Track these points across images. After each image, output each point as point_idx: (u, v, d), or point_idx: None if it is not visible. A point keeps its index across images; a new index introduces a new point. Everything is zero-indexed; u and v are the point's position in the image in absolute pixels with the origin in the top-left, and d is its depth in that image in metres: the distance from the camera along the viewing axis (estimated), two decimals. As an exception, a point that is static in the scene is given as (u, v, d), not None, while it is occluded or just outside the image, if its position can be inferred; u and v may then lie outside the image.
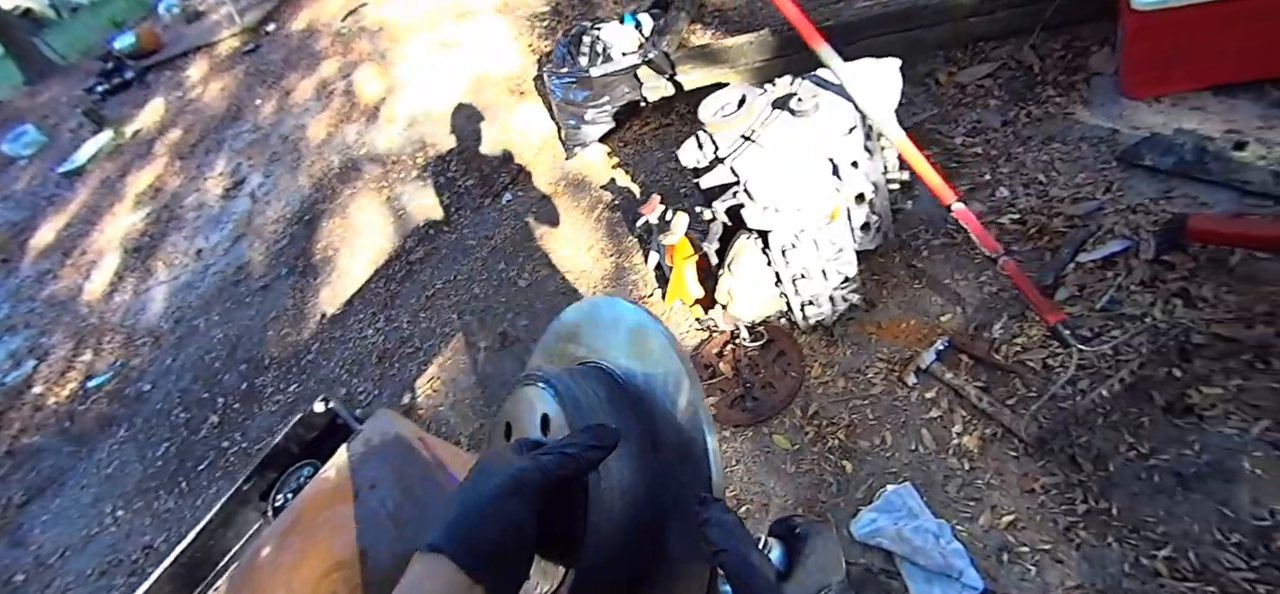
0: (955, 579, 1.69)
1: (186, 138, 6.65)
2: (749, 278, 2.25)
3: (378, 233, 4.03)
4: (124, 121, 7.82)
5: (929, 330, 2.13)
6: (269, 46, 7.48)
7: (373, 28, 6.36)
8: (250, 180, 5.34)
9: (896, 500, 1.87)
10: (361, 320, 3.52)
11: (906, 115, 2.71)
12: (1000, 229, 2.20)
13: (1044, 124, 2.36)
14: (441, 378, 2.99)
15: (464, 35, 5.28)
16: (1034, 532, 1.68)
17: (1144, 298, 1.86)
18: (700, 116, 2.10)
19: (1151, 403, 1.71)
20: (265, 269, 4.32)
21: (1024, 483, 1.75)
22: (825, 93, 1.96)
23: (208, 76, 7.75)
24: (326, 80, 6.04)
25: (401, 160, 4.46)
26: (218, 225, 5.05)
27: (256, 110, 6.30)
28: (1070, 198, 2.15)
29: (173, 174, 6.17)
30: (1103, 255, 1.98)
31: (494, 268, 3.32)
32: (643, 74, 3.33)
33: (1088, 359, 1.83)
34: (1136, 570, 1.53)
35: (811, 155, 1.93)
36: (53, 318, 5.12)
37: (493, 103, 4.39)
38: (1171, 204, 1.97)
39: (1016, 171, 2.31)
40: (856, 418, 2.07)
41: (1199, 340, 1.74)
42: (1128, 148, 2.11)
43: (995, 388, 1.93)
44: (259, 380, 3.53)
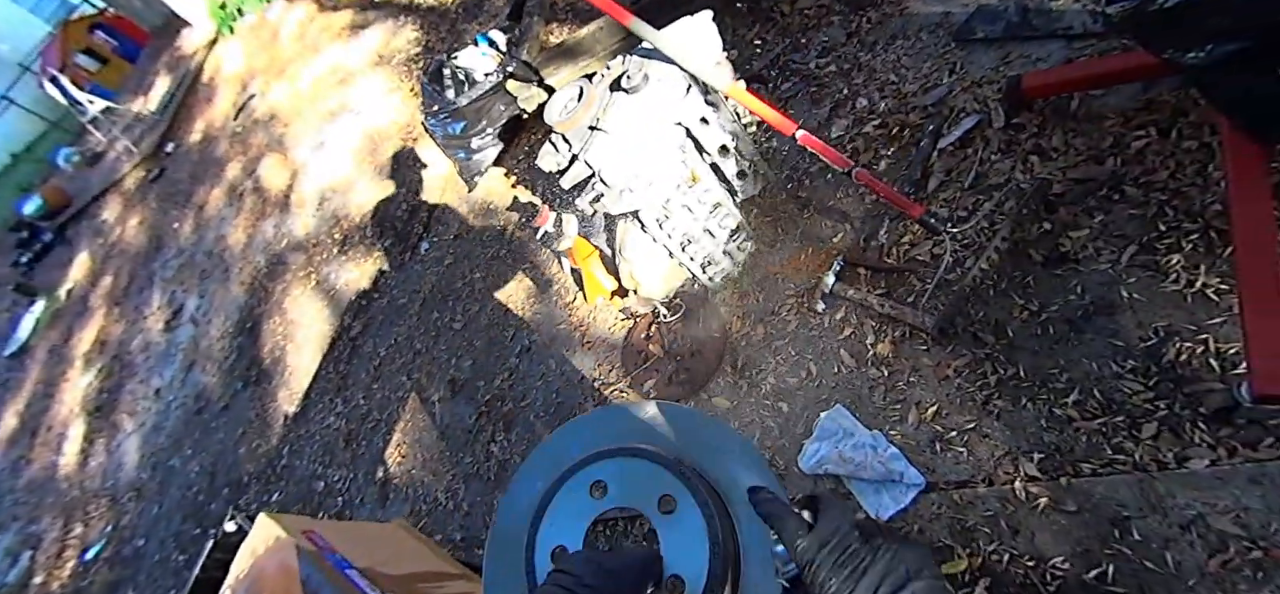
0: (898, 482, 1.65)
1: (118, 282, 6.18)
2: (642, 258, 2.14)
3: (316, 319, 3.78)
4: (55, 285, 7.25)
5: (826, 255, 2.05)
6: (173, 166, 6.96)
7: (264, 118, 5.93)
8: (187, 306, 4.98)
9: (831, 424, 1.81)
10: (321, 410, 3.31)
11: (762, 54, 2.58)
12: (866, 138, 2.11)
13: (884, 25, 2.25)
14: (407, 442, 2.83)
15: (349, 99, 4.93)
16: (957, 415, 1.63)
17: (1004, 164, 1.80)
18: (547, 120, 1.95)
19: (1031, 260, 1.66)
20: (222, 389, 4.04)
21: (939, 371, 1.70)
22: (652, 63, 1.83)
23: (123, 215, 7.20)
24: (234, 183, 5.63)
25: (321, 241, 4.18)
26: (168, 360, 4.71)
27: (176, 234, 5.86)
28: (921, 89, 2.06)
29: (113, 322, 5.74)
30: (959, 135, 1.90)
31: (428, 319, 3.13)
32: (512, 88, 3.12)
33: (967, 236, 1.77)
34: (1052, 422, 1.50)
35: (656, 127, 1.80)
36: (36, 502, 4.76)
37: (392, 156, 4.12)
38: (1010, 68, 1.89)
39: (869, 79, 2.20)
40: (781, 358, 1.99)
41: (1059, 189, 1.69)
42: (961, 26, 2.02)
43: (894, 291, 1.86)
44: (243, 499, 3.32)
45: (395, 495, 2.71)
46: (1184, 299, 1.44)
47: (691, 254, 2.13)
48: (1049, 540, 1.40)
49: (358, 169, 4.34)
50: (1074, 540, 1.38)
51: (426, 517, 2.56)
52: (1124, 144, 1.62)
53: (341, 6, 5.94)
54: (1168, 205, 1.52)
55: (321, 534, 1.58)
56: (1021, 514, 1.45)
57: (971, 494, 1.53)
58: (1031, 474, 1.47)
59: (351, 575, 1.50)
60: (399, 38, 4.90)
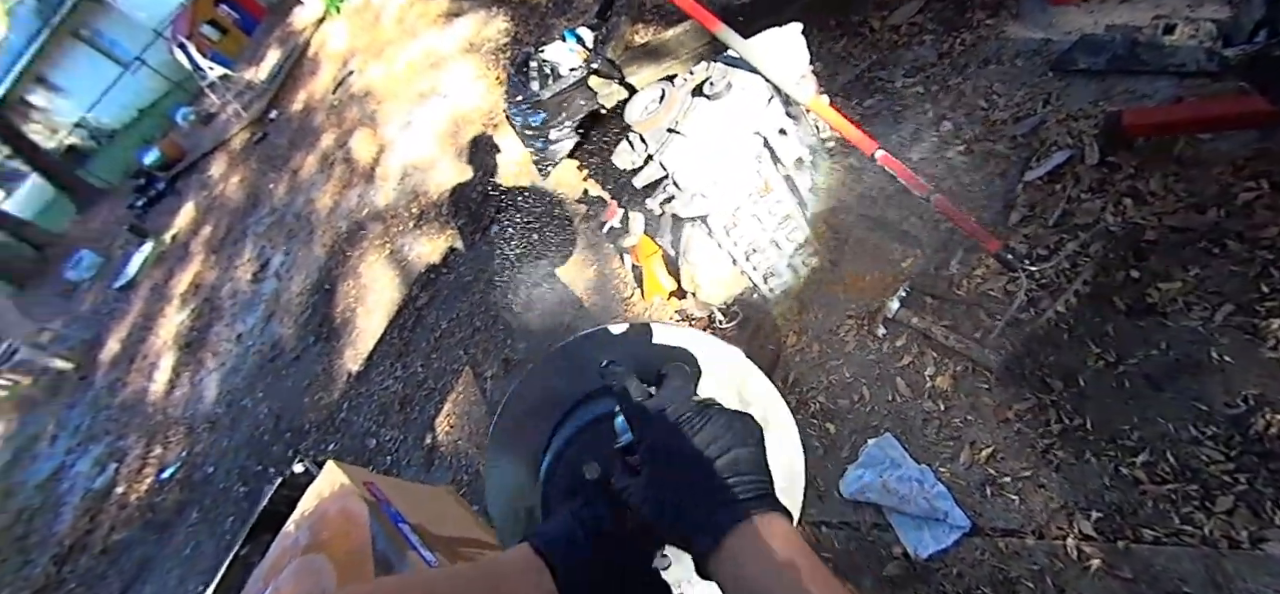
0: (942, 521, 1.64)
1: (216, 233, 6.88)
2: (705, 263, 2.21)
3: (387, 287, 4.09)
4: (163, 230, 8.13)
5: (892, 278, 2.05)
6: (275, 132, 7.67)
7: (360, 94, 6.45)
8: (273, 261, 5.48)
9: (878, 453, 1.82)
10: (382, 372, 3.58)
11: (846, 67, 2.61)
12: (948, 164, 2.10)
13: (978, 48, 2.24)
14: (456, 413, 3.02)
15: (439, 82, 5.30)
16: (1013, 460, 1.61)
17: (1094, 204, 1.76)
18: (626, 119, 2.05)
19: (1113, 308, 1.61)
20: (295, 341, 4.44)
21: (998, 413, 1.68)
22: (736, 71, 1.90)
23: (227, 172, 7.99)
24: (327, 153, 6.15)
25: (399, 214, 4.52)
26: (251, 309, 5.21)
27: (271, 194, 6.46)
28: (1012, 118, 2.03)
29: (209, 268, 6.39)
30: (1048, 169, 1.87)
31: (490, 299, 3.33)
32: (593, 84, 3.28)
33: (1045, 276, 1.74)
34: (1117, 481, 1.45)
35: (734, 135, 1.87)
36: (126, 421, 5.37)
37: (471, 140, 4.39)
38: (1111, 103, 1.84)
39: (958, 102, 2.19)
40: (834, 378, 2.01)
41: (1152, 236, 1.63)
42: (1061, 55, 1.98)
43: (961, 324, 1.85)
44: (303, 445, 3.63)
45: (440, 462, 2.90)
46: (1282, 368, 1.37)
47: (755, 264, 2.18)
48: (1098, 603, 1.37)
49: (440, 149, 4.66)
50: (1126, 607, 1.33)
51: (466, 487, 2.72)
52: (1230, 195, 1.55)
53: (442, -7, 6.39)
54: (1274, 265, 1.45)
55: (380, 487, 1.75)
56: (1070, 573, 1.41)
57: (1018, 545, 1.50)
58: (1087, 533, 1.43)
59: (404, 529, 1.65)
60: (490, 28, 5.22)
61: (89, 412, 5.98)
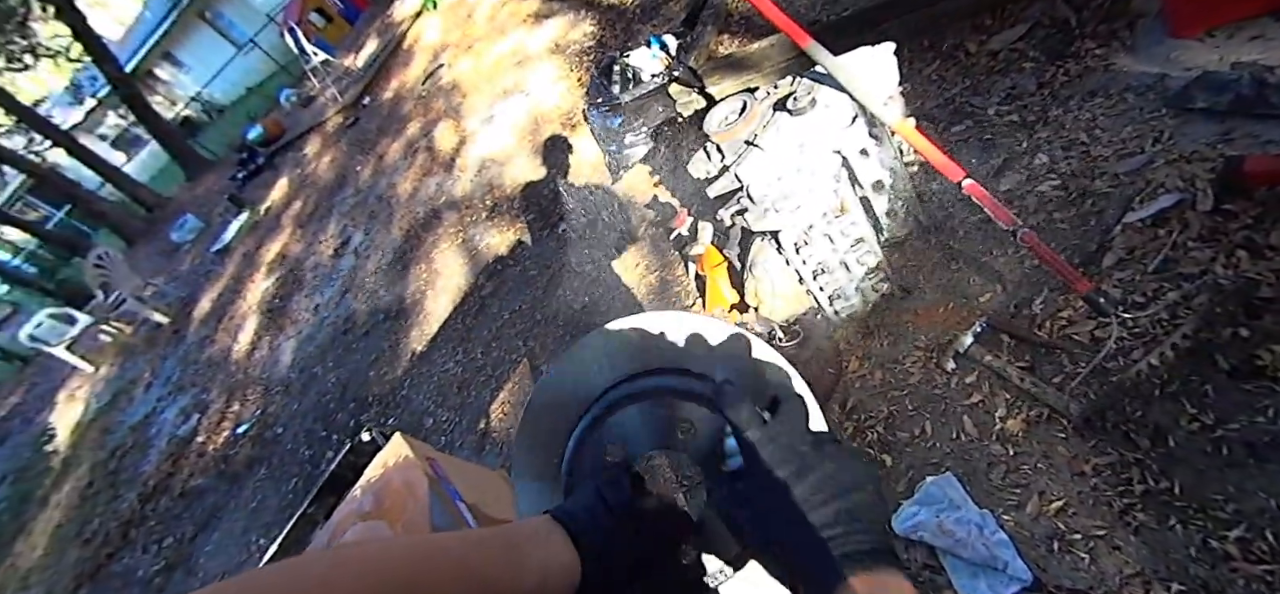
0: (1001, 571, 1.58)
1: (304, 208, 7.45)
2: (771, 278, 2.22)
3: (455, 274, 4.32)
4: (258, 202, 8.88)
5: (967, 313, 2.01)
6: (366, 117, 8.23)
7: (448, 86, 6.84)
8: (353, 239, 5.89)
9: (937, 492, 1.77)
10: (443, 355, 3.78)
11: (936, 91, 2.57)
12: (1039, 198, 2.04)
13: (1084, 79, 2.16)
14: (511, 402, 3.15)
15: (523, 80, 5.55)
16: (1086, 517, 1.54)
17: (1202, 253, 1.66)
18: (705, 128, 2.11)
19: (1215, 367, 1.52)
20: (366, 318, 4.75)
21: (1074, 465, 1.61)
22: (821, 88, 1.91)
23: (320, 152, 8.64)
24: (411, 140, 6.56)
25: (474, 205, 4.76)
26: (330, 282, 5.61)
27: (357, 176, 6.94)
28: (1115, 154, 1.95)
29: (295, 241, 6.92)
30: (1153, 212, 1.78)
31: (553, 295, 3.46)
32: (673, 91, 3.36)
33: (1139, 325, 1.66)
34: (1204, 554, 1.37)
35: (813, 152, 1.89)
36: (210, 376, 5.89)
37: (549, 139, 4.58)
38: (1231, 147, 1.74)
39: (1056, 135, 2.12)
40: (895, 409, 1.98)
41: (1269, 293, 1.53)
42: (1177, 91, 1.89)
43: (1039, 367, 1.79)
44: (364, 416, 3.88)
45: (491, 447, 3.03)
46: None
47: (822, 285, 2.18)
48: (1171, 681, 1.29)
49: (518, 145, 4.88)
50: (1203, 690, 1.25)
51: (515, 476, 2.84)
52: (1366, 256, 1.43)
53: (532, -4, 6.70)
54: None
55: (441, 464, 1.87)
56: (1142, 643, 1.34)
57: (1085, 605, 1.44)
58: (1164, 603, 1.35)
59: (461, 507, 1.76)
60: (577, 30, 5.43)
61: (180, 364, 6.59)
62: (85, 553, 5.02)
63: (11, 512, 6.88)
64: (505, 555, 0.54)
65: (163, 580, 4.17)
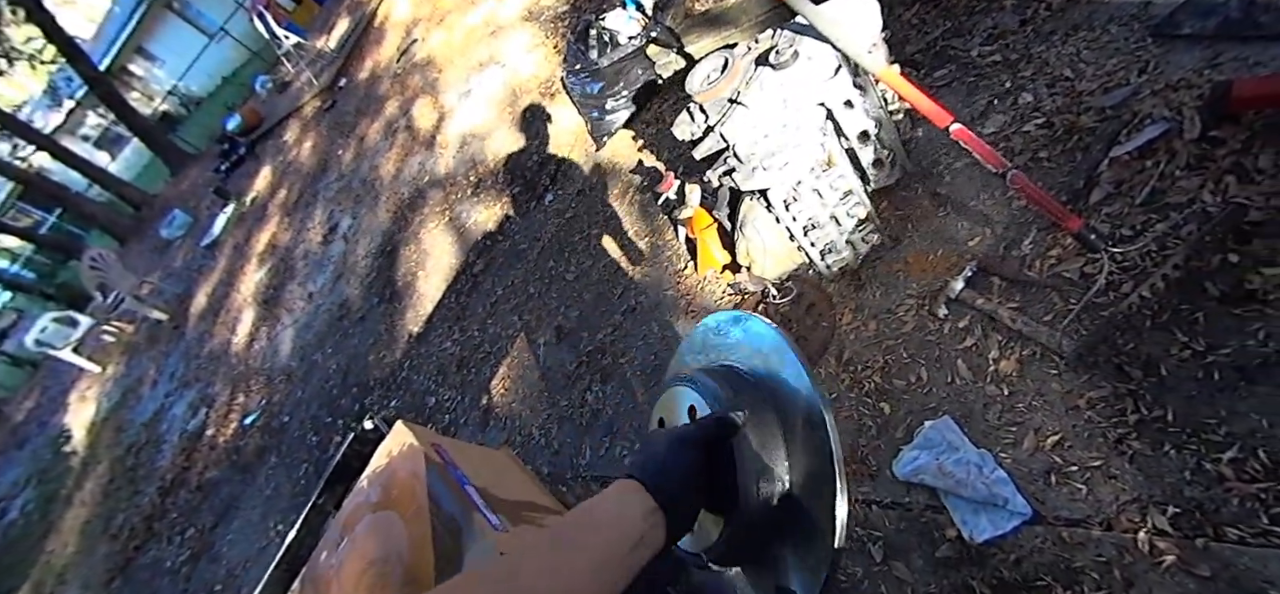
0: (1002, 507, 1.58)
1: (290, 196, 7.24)
2: (762, 237, 2.17)
3: (445, 252, 4.22)
4: (244, 192, 8.63)
5: (957, 258, 1.96)
6: (343, 99, 7.95)
7: (423, 62, 6.59)
8: (341, 224, 5.74)
9: (936, 436, 1.76)
10: (440, 334, 3.72)
11: (918, 36, 2.47)
12: (1026, 138, 1.97)
13: (1067, 13, 2.07)
14: (510, 377, 3.11)
15: (498, 50, 5.35)
16: (1082, 449, 1.53)
17: (1190, 182, 1.61)
18: (687, 89, 2.02)
19: (1205, 295, 1.49)
20: (361, 301, 4.65)
21: (1068, 400, 1.59)
22: (803, 40, 1.82)
23: (300, 138, 8.37)
24: (391, 120, 6.35)
25: (458, 182, 4.63)
26: (321, 269, 5.49)
27: (339, 160, 6.74)
28: (1100, 88, 1.88)
29: (283, 230, 6.75)
30: (1140, 144, 1.72)
31: (544, 267, 3.39)
32: (652, 53, 3.24)
33: (1129, 258, 1.63)
34: (1198, 476, 1.36)
35: (798, 105, 1.81)
36: (213, 370, 5.80)
37: (528, 109, 4.44)
38: (1218, 72, 1.68)
39: (1039, 72, 2.05)
40: (890, 358, 1.95)
41: (1258, 216, 1.49)
42: (1163, 19, 1.81)
43: (1031, 307, 1.75)
44: (367, 400, 3.83)
45: (495, 423, 3.00)
46: (1402, 367, 1.23)
47: (813, 240, 2.13)
48: (1170, 602, 1.29)
49: (498, 118, 4.72)
50: (1201, 609, 1.26)
51: (519, 448, 2.82)
52: (1355, 175, 1.40)
53: (502, -38, 6.41)
54: (1402, 254, 1.30)
55: (446, 449, 1.82)
56: (1140, 568, 1.34)
57: (1084, 535, 1.43)
58: (1161, 528, 1.35)
59: (470, 491, 1.72)
60: (550, -4, 5.21)
61: (183, 360, 6.49)
62: (113, 547, 5.02)
63: (40, 511, 6.86)
64: (618, 530, 0.55)
65: (189, 569, 4.17)
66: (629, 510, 0.55)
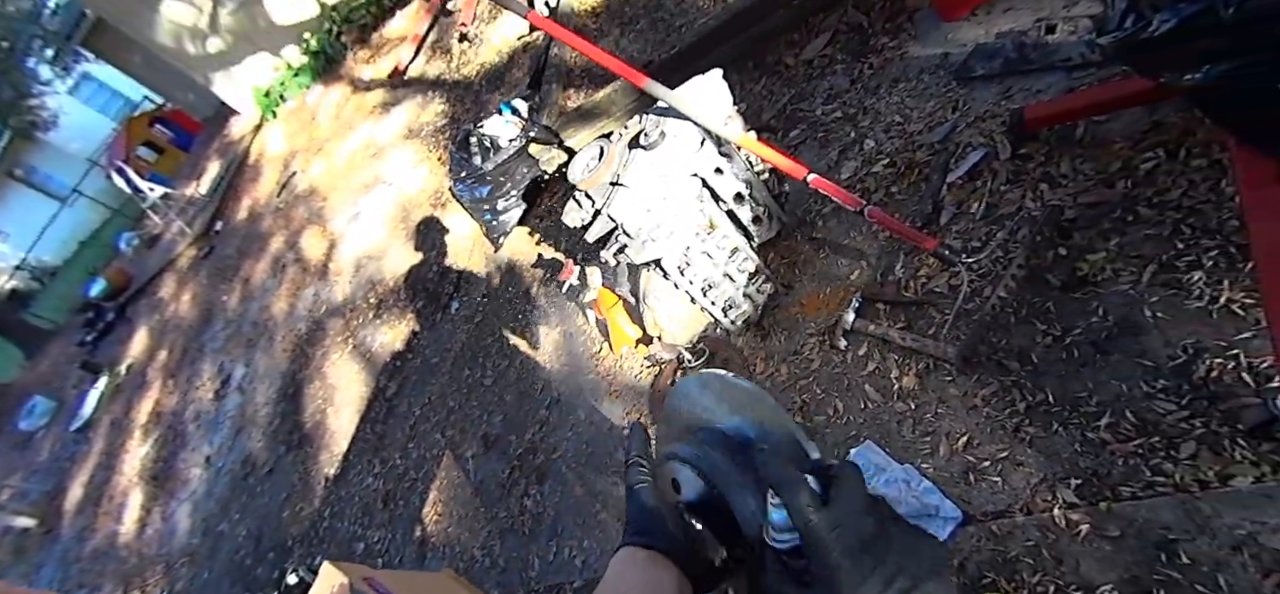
0: (935, 516, 1.60)
1: (172, 356, 6.44)
2: (665, 305, 2.17)
3: (353, 382, 3.88)
4: (117, 361, 7.58)
5: (844, 292, 2.05)
6: (222, 243, 7.32)
7: (305, 193, 6.24)
8: (235, 374, 5.15)
9: (863, 461, 1.77)
10: (360, 470, 3.36)
11: (770, 104, 2.65)
12: (876, 178, 2.14)
13: (886, 70, 2.31)
14: (442, 500, 2.85)
15: (382, 170, 5.17)
16: (988, 444, 1.59)
17: (1014, 193, 1.80)
18: (570, 178, 2.03)
19: (1049, 286, 1.64)
20: (267, 454, 4.14)
21: (966, 401, 1.67)
22: (667, 120, 1.91)
23: (177, 291, 7.55)
24: (277, 255, 5.89)
25: (357, 306, 4.32)
26: (217, 428, 4.86)
27: (224, 307, 6.12)
28: (926, 127, 2.09)
29: (168, 394, 5.96)
30: (967, 168, 1.91)
31: (460, 377, 3.19)
32: (534, 151, 3.25)
33: (982, 266, 1.77)
34: (1087, 446, 1.45)
35: (673, 179, 1.86)
36: (99, 570, 4.88)
37: (421, 223, 4.28)
38: (1012, 101, 1.91)
39: (876, 121, 2.24)
40: (806, 397, 1.97)
41: (1072, 215, 1.68)
42: (960, 65, 2.06)
43: (915, 323, 1.85)
44: (287, 563, 3.35)
45: (433, 554, 2.71)
46: (1209, 315, 1.40)
47: (713, 298, 2.15)
48: (1095, 568, 1.34)
49: (391, 236, 4.51)
50: (1121, 567, 1.32)
51: (464, 573, 2.55)
52: (1133, 167, 1.61)
53: (374, 87, 6.29)
54: (1183, 223, 1.50)
55: (381, 581, 1.61)
56: (1063, 543, 1.39)
57: (1010, 524, 1.47)
58: (1070, 501, 1.42)
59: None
60: (427, 112, 5.15)
61: (59, 567, 5.42)
62: None
63: None
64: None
65: None
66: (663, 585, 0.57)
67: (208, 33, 7.87)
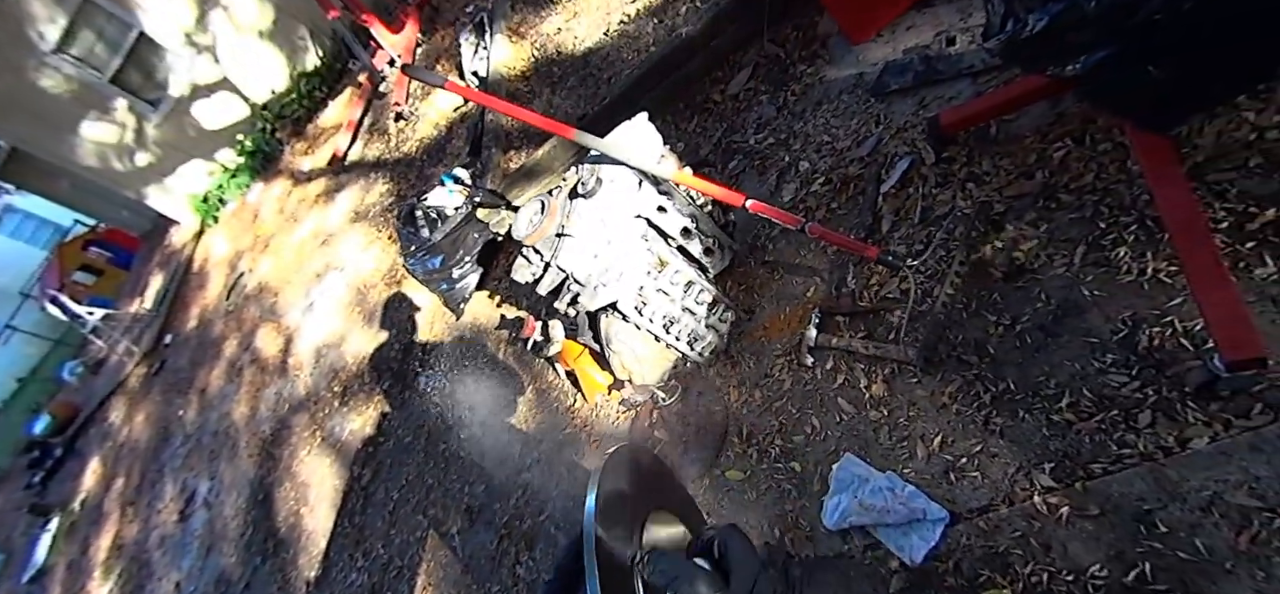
0: (923, 520, 1.57)
1: (129, 482, 5.92)
2: (629, 347, 2.11)
3: (326, 476, 3.63)
4: (69, 499, 6.91)
5: (804, 310, 2.04)
6: (173, 356, 6.84)
7: (255, 292, 5.92)
8: (199, 490, 4.76)
9: (845, 475, 1.74)
10: (342, 567, 3.12)
11: (705, 140, 2.66)
12: (816, 197, 2.15)
13: (808, 94, 2.35)
14: (432, 583, 2.65)
15: (333, 257, 4.96)
16: (962, 440, 1.58)
17: (945, 195, 1.83)
18: (515, 236, 1.97)
19: (991, 278, 1.66)
20: (241, 568, 3.80)
21: (935, 400, 1.66)
22: (603, 167, 1.89)
23: (129, 414, 6.99)
24: (232, 359, 5.54)
25: (322, 398, 4.08)
26: (185, 550, 4.45)
27: (181, 421, 5.69)
28: (854, 143, 2.12)
29: (128, 523, 5.45)
30: (897, 177, 1.95)
31: (436, 451, 3.02)
32: (482, 215, 3.16)
33: (927, 267, 1.78)
34: (1054, 428, 1.45)
35: (616, 222, 1.83)
36: None
37: (379, 303, 4.10)
38: (928, 110, 1.97)
39: (806, 143, 2.27)
40: (783, 419, 1.93)
41: (1000, 208, 1.71)
42: (875, 82, 2.11)
43: (875, 331, 1.84)
44: (273, 683, 3.05)
45: (429, 644, 2.51)
46: (1141, 287, 1.43)
47: (676, 334, 2.10)
48: (1081, 549, 1.33)
49: (348, 321, 4.30)
50: (1105, 545, 1.30)
51: (464, 660, 2.37)
52: (1047, 157, 1.66)
53: (315, 177, 6.08)
54: (1101, 204, 1.55)
55: None
56: (1048, 528, 1.38)
57: (996, 518, 1.45)
58: (1047, 485, 1.41)
59: None
60: (371, 194, 4.99)
61: None
62: None
63: None
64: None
65: None
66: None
67: (135, 148, 7.46)
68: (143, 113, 7.10)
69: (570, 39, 3.66)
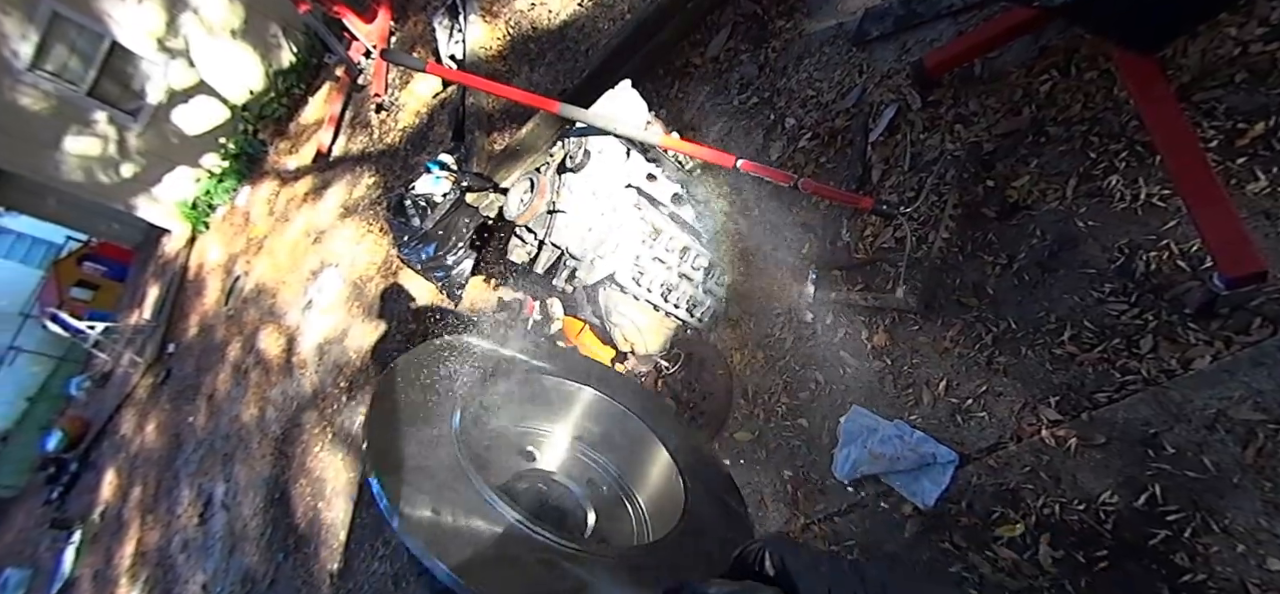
0: (934, 463, 1.53)
1: (147, 490, 5.82)
2: (629, 318, 2.04)
3: (340, 470, 3.56)
4: (89, 511, 6.80)
5: (800, 267, 1.97)
6: (177, 364, 6.67)
7: (253, 295, 5.74)
8: (216, 494, 4.68)
9: (853, 426, 1.70)
10: (364, 557, 3.07)
11: (689, 105, 2.55)
12: (805, 153, 2.07)
13: (789, 50, 2.24)
14: (453, 564, 2.62)
15: (327, 253, 4.80)
16: (966, 382, 1.54)
17: (934, 139, 1.76)
18: (507, 217, 1.89)
19: (985, 218, 1.60)
20: (265, 565, 3.76)
21: (937, 346, 1.61)
22: (589, 139, 1.80)
23: (140, 424, 6.84)
24: (237, 363, 5.40)
25: (329, 393, 3.98)
26: (208, 552, 4.39)
27: (193, 427, 5.56)
28: (838, 95, 2.03)
29: (149, 530, 5.37)
30: (885, 125, 1.86)
31: (447, 438, 2.95)
32: (471, 200, 3.04)
33: (920, 213, 1.71)
34: (1056, 362, 1.41)
35: (607, 194, 1.75)
36: None
37: (377, 295, 3.98)
38: (911, 55, 1.87)
39: (791, 99, 2.17)
40: (787, 377, 1.88)
41: (990, 147, 1.64)
42: (855, 31, 2.01)
43: (872, 282, 1.78)
44: (308, 670, 3.03)
45: (455, 621, 2.48)
46: (1135, 213, 1.38)
47: (675, 301, 2.04)
48: (1091, 478, 1.30)
49: (348, 315, 4.18)
50: (1115, 471, 1.27)
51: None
52: (1033, 92, 1.59)
53: (301, 175, 5.86)
54: (1091, 134, 1.48)
55: None
56: (1057, 460, 1.35)
57: (1005, 455, 1.42)
58: (1053, 418, 1.37)
59: None
60: (359, 187, 4.81)
61: None
62: None
63: None
64: None
65: None
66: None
67: (119, 159, 7.14)
68: (123, 123, 6.78)
69: (545, 13, 3.48)
